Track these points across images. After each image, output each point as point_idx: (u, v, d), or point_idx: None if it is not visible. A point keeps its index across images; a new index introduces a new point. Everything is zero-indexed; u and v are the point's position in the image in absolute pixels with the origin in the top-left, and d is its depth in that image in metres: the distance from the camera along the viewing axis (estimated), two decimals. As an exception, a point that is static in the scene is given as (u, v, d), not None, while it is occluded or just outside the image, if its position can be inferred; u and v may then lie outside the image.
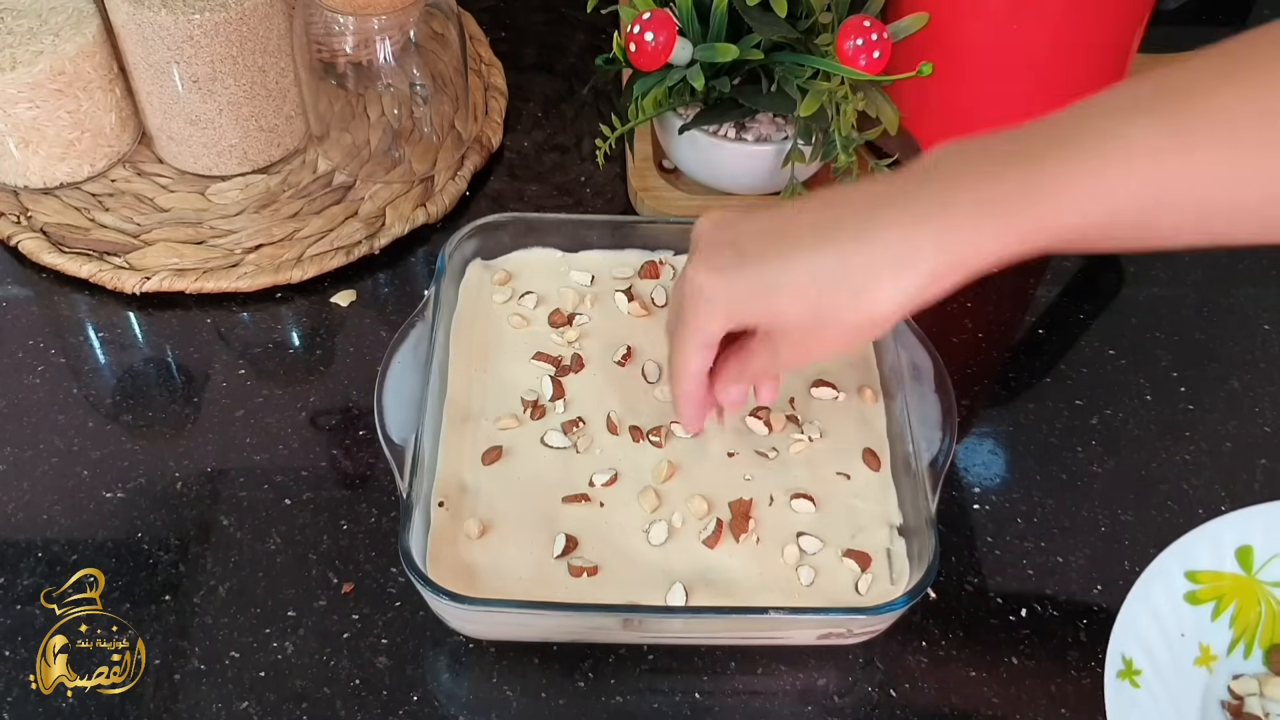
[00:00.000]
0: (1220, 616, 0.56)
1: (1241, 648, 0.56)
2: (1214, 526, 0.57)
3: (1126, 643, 0.53)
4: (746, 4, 0.67)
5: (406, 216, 0.76)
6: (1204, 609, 0.56)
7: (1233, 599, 0.57)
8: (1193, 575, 0.56)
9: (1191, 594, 0.56)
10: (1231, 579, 0.57)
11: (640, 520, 0.58)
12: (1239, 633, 0.57)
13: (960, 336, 0.72)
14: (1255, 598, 0.57)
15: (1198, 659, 0.55)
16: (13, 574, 0.59)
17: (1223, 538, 0.57)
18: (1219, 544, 0.57)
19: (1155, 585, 0.55)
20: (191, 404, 0.67)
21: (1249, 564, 0.57)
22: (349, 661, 0.57)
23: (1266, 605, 0.57)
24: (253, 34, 0.72)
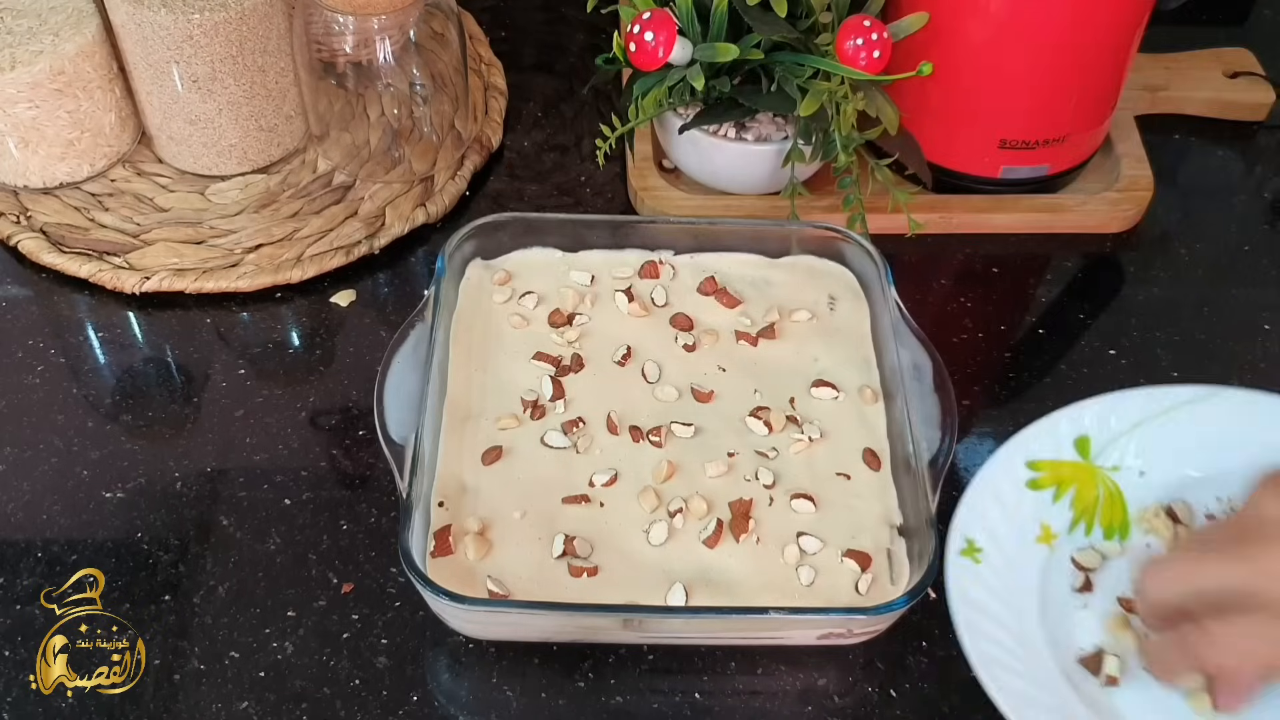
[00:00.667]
0: (1061, 500, 0.60)
1: (1082, 526, 0.60)
2: (1051, 419, 0.61)
3: (968, 522, 0.57)
4: (746, 4, 0.67)
5: (406, 216, 0.76)
6: (1045, 493, 0.60)
7: (1072, 484, 0.60)
8: (1034, 464, 0.60)
9: (1033, 481, 0.60)
10: (1071, 466, 0.60)
11: (640, 520, 0.58)
12: (1079, 513, 0.60)
13: (960, 336, 0.72)
14: (1094, 481, 0.61)
15: (1039, 537, 0.59)
16: (13, 574, 0.59)
17: (1060, 429, 0.61)
18: (1057, 435, 0.61)
19: (997, 473, 0.59)
20: (191, 404, 0.67)
21: (1086, 451, 0.61)
22: (349, 661, 0.57)
23: (1104, 488, 0.61)
24: (252, 34, 0.72)
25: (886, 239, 0.72)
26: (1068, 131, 0.74)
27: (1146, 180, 0.78)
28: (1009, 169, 0.75)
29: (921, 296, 0.73)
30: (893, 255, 0.66)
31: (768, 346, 0.66)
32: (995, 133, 0.73)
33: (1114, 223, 0.78)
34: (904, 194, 0.71)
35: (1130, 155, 0.79)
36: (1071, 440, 0.61)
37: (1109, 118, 0.77)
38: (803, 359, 0.65)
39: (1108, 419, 0.62)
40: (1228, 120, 0.85)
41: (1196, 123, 0.85)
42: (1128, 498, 0.61)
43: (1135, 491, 0.61)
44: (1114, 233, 0.78)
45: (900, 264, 0.69)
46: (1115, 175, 0.78)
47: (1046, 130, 0.73)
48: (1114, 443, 0.62)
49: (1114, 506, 0.61)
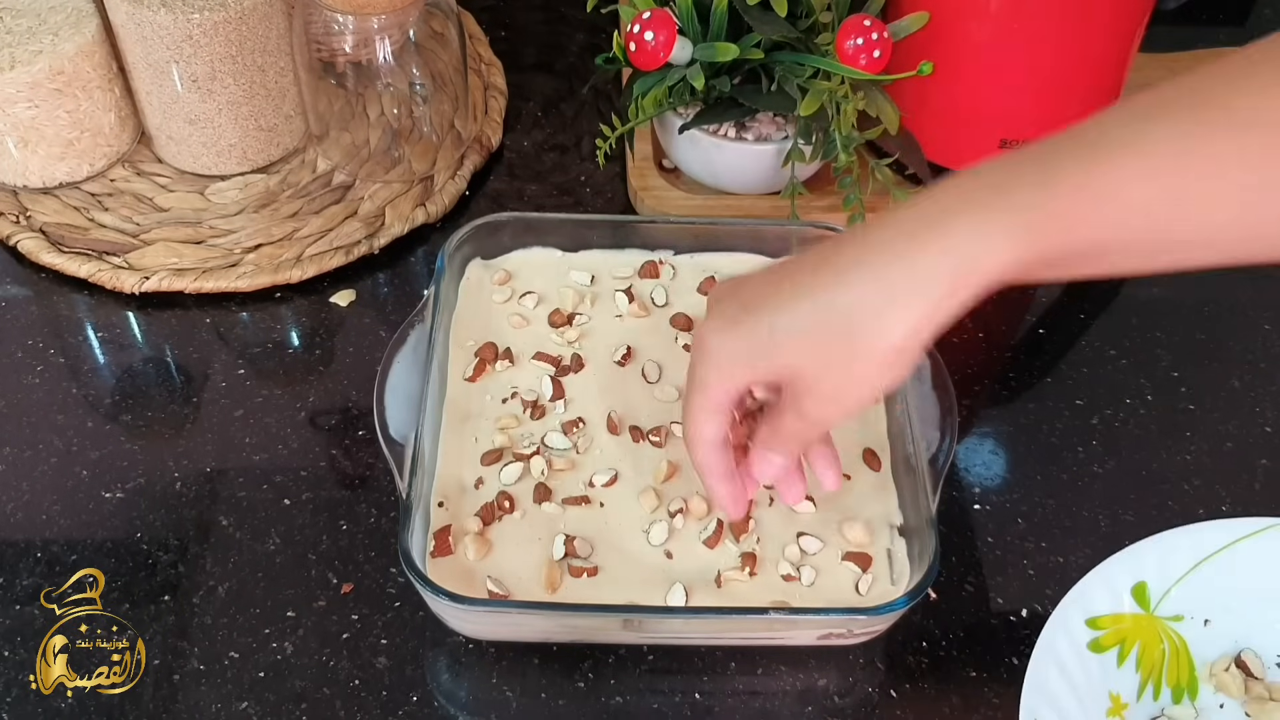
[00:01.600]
0: (1125, 661, 0.56)
1: (1150, 690, 0.56)
2: (1106, 568, 0.56)
3: (1038, 705, 0.52)
4: (746, 3, 0.67)
5: (406, 216, 0.76)
6: (1109, 655, 0.55)
7: (1135, 640, 0.56)
8: (1093, 622, 0.55)
9: (1095, 642, 0.55)
10: (1131, 619, 0.56)
11: (640, 520, 0.58)
12: (1146, 675, 0.56)
13: (960, 336, 0.72)
14: (1157, 636, 0.56)
15: (1109, 710, 0.55)
16: (13, 574, 0.59)
17: (1117, 578, 0.56)
18: (1114, 584, 0.56)
19: (1058, 638, 0.54)
20: (191, 404, 0.67)
21: (1145, 601, 0.57)
22: (349, 662, 0.57)
23: (1169, 642, 0.57)
24: (252, 33, 0.72)
25: (886, 239, 0.72)
26: (1068, 131, 0.74)
27: (1146, 180, 0.78)
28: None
29: (921, 296, 0.73)
30: (893, 255, 0.66)
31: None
32: (995, 133, 0.73)
33: (1114, 223, 0.77)
34: (904, 194, 0.71)
35: (1130, 155, 0.79)
36: (1129, 588, 0.56)
37: (1109, 117, 0.76)
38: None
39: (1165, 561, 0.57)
40: (1228, 120, 0.85)
41: (1196, 122, 0.85)
42: (1193, 651, 0.57)
43: (1200, 644, 0.57)
44: (1114, 233, 0.78)
45: (900, 264, 0.69)
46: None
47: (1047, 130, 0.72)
48: (1173, 589, 0.57)
49: (1179, 663, 0.57)
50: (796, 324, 0.46)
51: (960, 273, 0.42)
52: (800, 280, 0.46)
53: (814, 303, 0.45)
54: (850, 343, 0.44)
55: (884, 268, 0.43)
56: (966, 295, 0.43)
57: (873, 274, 0.44)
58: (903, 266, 0.43)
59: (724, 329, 0.48)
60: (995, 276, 0.43)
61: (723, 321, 0.48)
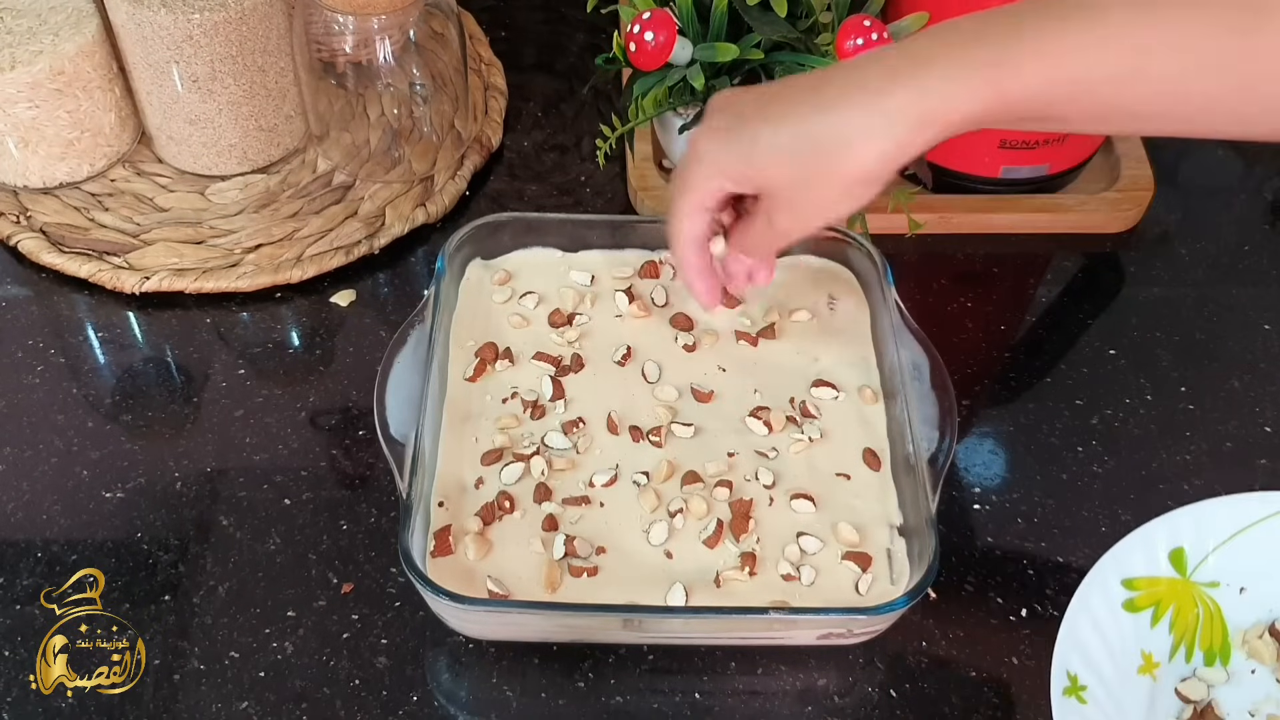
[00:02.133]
0: (1159, 622, 0.56)
1: (1183, 651, 0.56)
2: (1146, 531, 0.57)
3: (1070, 658, 0.53)
4: (746, 3, 0.67)
5: (406, 216, 0.76)
6: (1143, 616, 0.56)
7: (1170, 603, 0.57)
8: (1129, 583, 0.56)
9: (1130, 602, 0.56)
10: (1167, 583, 0.57)
11: (640, 520, 0.58)
12: (1179, 637, 0.57)
13: (960, 336, 0.72)
14: (1192, 600, 0.57)
15: (1141, 668, 0.55)
16: (13, 574, 0.59)
17: (1155, 541, 0.57)
18: (1152, 548, 0.57)
19: (1094, 596, 0.55)
20: (191, 404, 0.67)
21: (1182, 566, 0.57)
22: (349, 661, 0.57)
23: (1203, 607, 0.57)
24: (252, 34, 0.72)
25: (886, 239, 0.72)
26: (1068, 131, 0.74)
27: (1147, 180, 0.78)
28: (1009, 169, 0.75)
29: (921, 296, 0.73)
30: (893, 255, 0.66)
31: (768, 346, 0.66)
32: (995, 132, 0.73)
33: (1114, 223, 0.78)
34: (904, 194, 0.71)
35: (1130, 155, 0.79)
36: (1167, 553, 0.57)
37: (1109, 118, 0.76)
38: (803, 359, 0.65)
39: (1203, 527, 0.58)
40: (1228, 120, 0.85)
41: (1196, 123, 0.85)
42: (1228, 617, 0.57)
43: (1235, 610, 0.58)
44: (1114, 233, 0.78)
45: (900, 264, 0.69)
46: (1115, 175, 0.78)
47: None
48: (1211, 556, 0.58)
49: (1214, 627, 0.57)
50: (779, 143, 0.50)
51: (926, 114, 0.47)
52: (790, 104, 0.50)
53: (797, 126, 0.50)
54: (823, 167, 0.50)
55: (862, 104, 0.48)
56: (931, 135, 0.48)
57: (850, 108, 0.48)
58: (877, 104, 0.48)
59: (716, 136, 0.52)
60: (958, 121, 0.47)
61: (716, 129, 0.53)
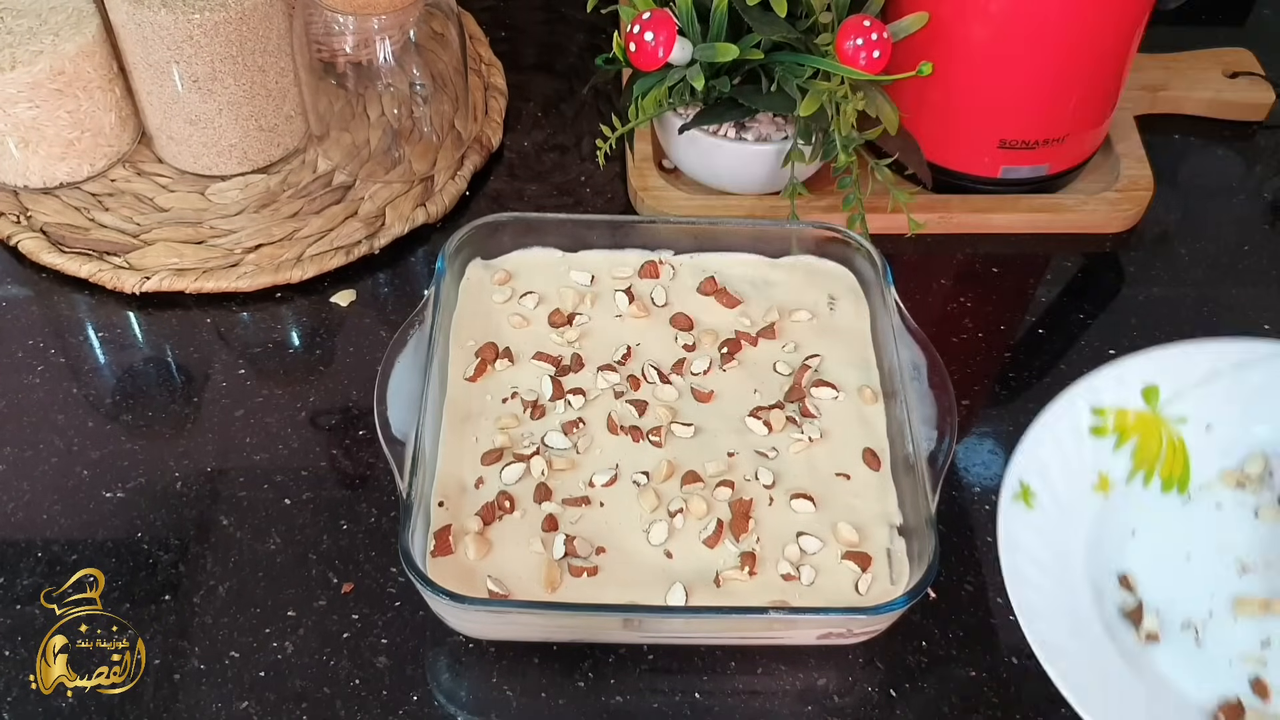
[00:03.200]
0: (1122, 448, 0.57)
1: (1140, 477, 0.58)
2: (1121, 365, 0.58)
3: (1025, 466, 0.55)
4: (746, 4, 0.67)
5: (406, 216, 0.76)
6: (1106, 440, 0.57)
7: (1135, 433, 0.58)
8: (1098, 410, 0.57)
9: (1096, 428, 0.57)
10: (1136, 415, 0.58)
11: (640, 520, 0.58)
12: (1138, 463, 0.58)
13: (960, 336, 0.72)
14: (1158, 432, 0.58)
15: (1095, 485, 0.57)
16: (13, 574, 0.59)
17: (1129, 376, 0.58)
18: (1125, 382, 0.58)
19: (1060, 417, 0.56)
20: (191, 404, 0.67)
21: (1154, 401, 0.58)
22: (349, 661, 0.57)
23: (1168, 440, 0.58)
24: (253, 34, 0.72)
25: (886, 239, 0.72)
26: (1068, 131, 0.74)
27: (1146, 180, 0.78)
28: (1009, 169, 0.75)
29: (921, 296, 0.73)
30: (893, 255, 0.67)
31: (768, 347, 0.66)
32: (995, 133, 0.73)
33: (1114, 222, 0.78)
34: (904, 194, 0.71)
35: (1130, 155, 0.79)
36: (1140, 388, 0.58)
37: (1109, 117, 0.77)
38: (802, 359, 0.65)
39: (1180, 368, 0.59)
40: (1227, 120, 0.85)
41: (1196, 123, 0.85)
42: (1191, 451, 0.59)
43: (1200, 446, 0.59)
44: (1114, 232, 0.78)
45: (900, 264, 0.69)
46: (1115, 175, 0.78)
47: (1046, 130, 0.73)
48: (1183, 394, 0.59)
49: (1175, 459, 0.58)
50: None
51: None
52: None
53: None
54: None
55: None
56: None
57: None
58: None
59: None
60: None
61: None
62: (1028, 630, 0.52)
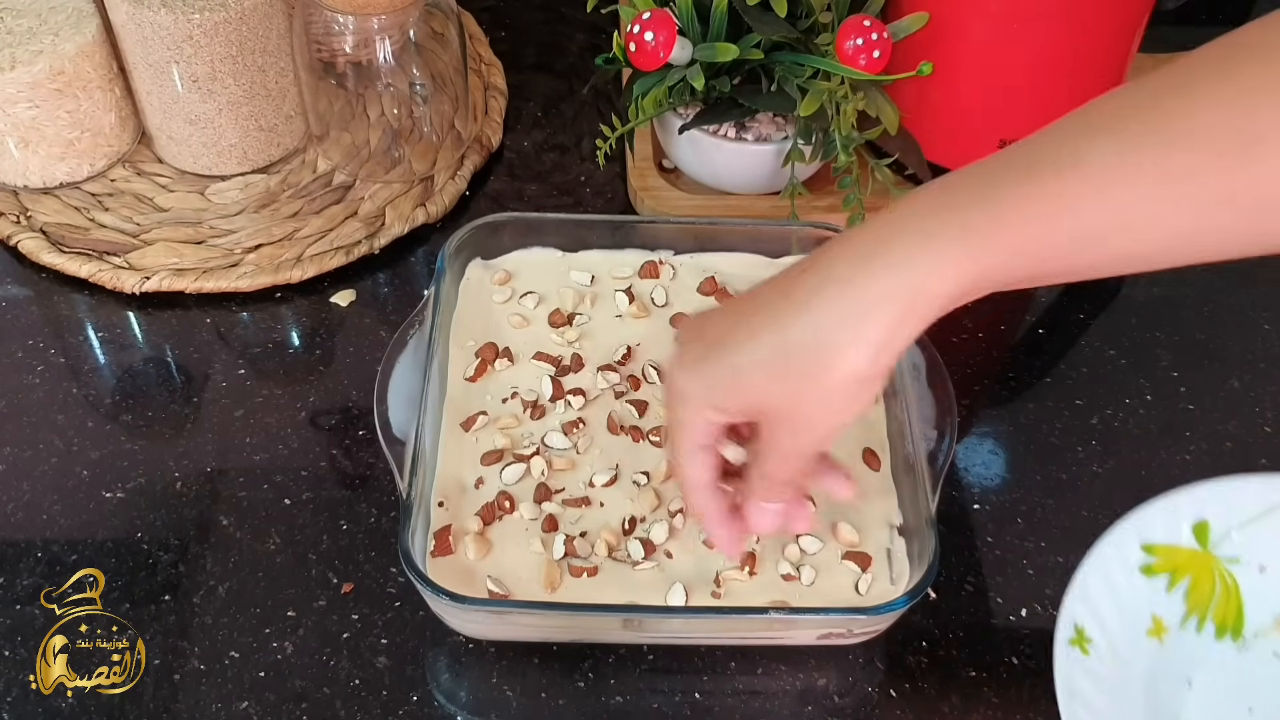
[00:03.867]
0: (1175, 589, 0.56)
1: (1194, 621, 0.56)
2: (1171, 499, 0.56)
3: (1078, 610, 0.53)
4: (746, 4, 0.67)
5: (406, 216, 0.76)
6: (1158, 580, 0.56)
7: (1187, 573, 0.56)
8: (1149, 548, 0.56)
9: (1147, 566, 0.55)
10: (1188, 553, 0.56)
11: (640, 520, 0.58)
12: (1192, 606, 0.56)
13: (960, 336, 0.72)
14: (1210, 573, 0.56)
15: (1150, 630, 0.55)
16: (13, 574, 0.59)
17: (1180, 511, 0.56)
18: (1176, 517, 0.56)
19: (1110, 555, 0.55)
20: (191, 404, 0.67)
21: (1205, 539, 0.57)
22: (349, 661, 0.57)
23: (1221, 581, 0.57)
24: (252, 34, 0.72)
25: (886, 239, 0.72)
26: (1068, 131, 0.74)
27: (1146, 180, 0.78)
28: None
29: (921, 296, 0.73)
30: (893, 255, 0.66)
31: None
32: (995, 133, 0.73)
33: (1114, 223, 0.77)
34: (904, 194, 0.71)
35: (1130, 155, 0.79)
36: (1191, 524, 0.56)
37: (1109, 118, 0.76)
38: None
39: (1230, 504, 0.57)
40: (1228, 120, 0.85)
41: (1196, 123, 0.85)
42: (1244, 594, 0.57)
43: (1253, 588, 0.57)
44: (1114, 233, 0.78)
45: (900, 264, 0.69)
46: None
47: (1046, 130, 0.73)
48: (1235, 531, 0.57)
49: (1229, 602, 0.57)
50: (759, 359, 0.45)
51: (910, 299, 0.43)
52: (761, 315, 0.46)
53: (773, 338, 0.45)
54: (813, 375, 0.44)
55: (837, 299, 0.43)
56: (921, 317, 0.43)
57: (827, 306, 0.44)
58: (855, 296, 0.43)
59: (691, 369, 0.48)
60: (947, 298, 0.43)
61: (689, 362, 0.48)
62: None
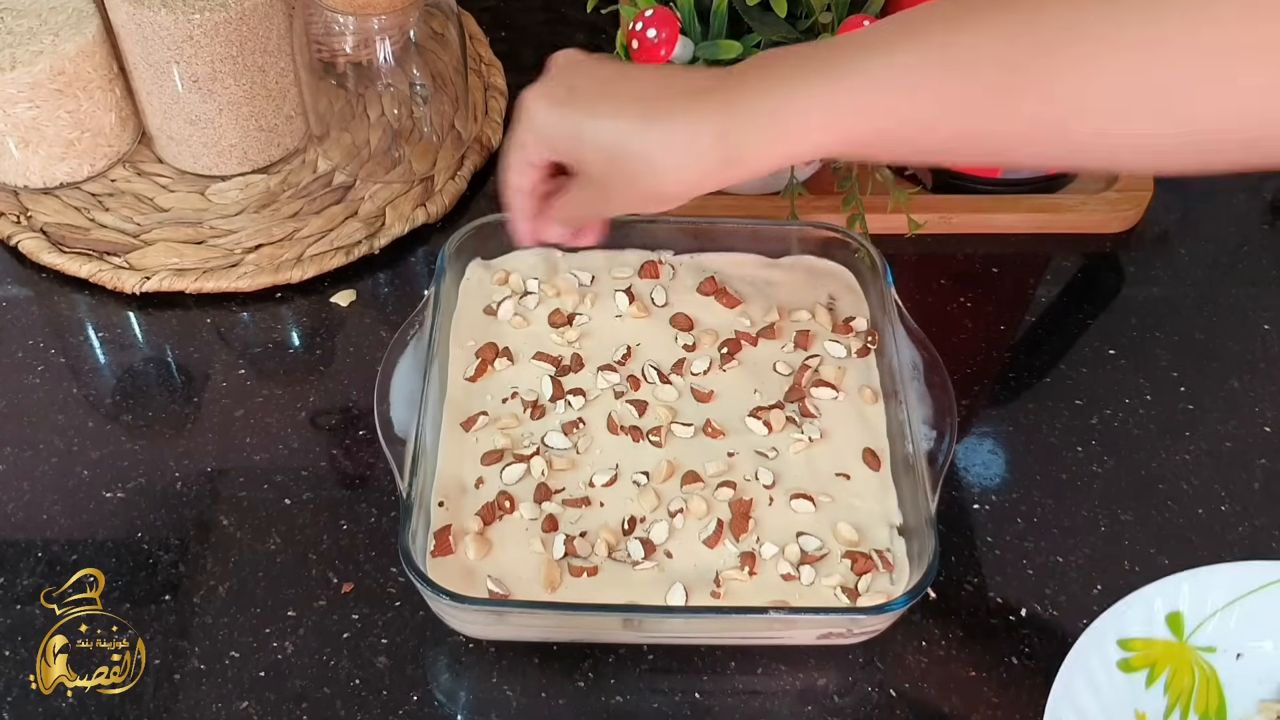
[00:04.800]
0: (1155, 683, 0.56)
1: (1178, 713, 0.56)
2: (1145, 593, 0.57)
3: (1063, 711, 0.53)
4: (746, 4, 0.67)
5: (406, 216, 0.76)
6: (1138, 676, 0.56)
7: (1165, 665, 0.56)
8: (1126, 643, 0.56)
9: (1125, 661, 0.56)
10: (1163, 645, 0.57)
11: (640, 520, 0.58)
12: (1174, 699, 0.56)
13: (960, 336, 0.72)
14: (1188, 664, 0.57)
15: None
16: (13, 574, 0.59)
17: (1153, 604, 0.57)
18: (1150, 610, 0.57)
19: (1090, 653, 0.55)
20: (191, 404, 0.67)
21: (1179, 630, 0.57)
22: (349, 661, 0.57)
23: (1199, 671, 0.57)
24: (253, 34, 0.72)
25: (886, 239, 0.72)
26: (1068, 131, 0.74)
27: (1146, 180, 0.78)
28: (1009, 169, 0.75)
29: (921, 296, 0.73)
30: (893, 255, 0.66)
31: (768, 346, 0.66)
32: (995, 133, 0.73)
33: (1114, 223, 0.78)
34: (904, 194, 0.71)
35: (1130, 155, 0.79)
36: (1164, 616, 0.57)
37: (1109, 118, 0.76)
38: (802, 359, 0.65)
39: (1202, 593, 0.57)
40: (1228, 120, 0.85)
41: (1196, 123, 0.85)
42: (1224, 682, 0.57)
43: (1231, 676, 0.57)
44: (1114, 233, 0.78)
45: (900, 264, 0.69)
46: (1115, 175, 0.78)
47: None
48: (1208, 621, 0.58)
49: (1209, 691, 0.57)
50: (600, 140, 0.51)
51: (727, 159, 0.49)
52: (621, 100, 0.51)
53: (617, 131, 0.51)
54: (629, 175, 0.51)
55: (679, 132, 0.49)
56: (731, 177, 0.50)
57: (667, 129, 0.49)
58: (691, 138, 0.49)
59: (547, 104, 0.53)
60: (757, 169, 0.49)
61: (549, 96, 0.53)
62: None
